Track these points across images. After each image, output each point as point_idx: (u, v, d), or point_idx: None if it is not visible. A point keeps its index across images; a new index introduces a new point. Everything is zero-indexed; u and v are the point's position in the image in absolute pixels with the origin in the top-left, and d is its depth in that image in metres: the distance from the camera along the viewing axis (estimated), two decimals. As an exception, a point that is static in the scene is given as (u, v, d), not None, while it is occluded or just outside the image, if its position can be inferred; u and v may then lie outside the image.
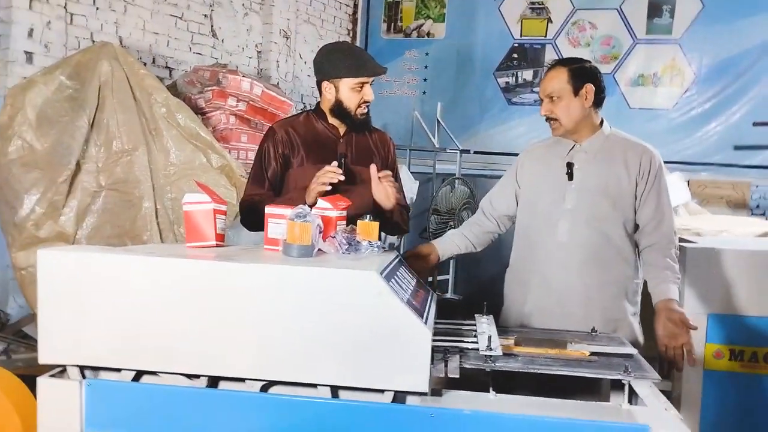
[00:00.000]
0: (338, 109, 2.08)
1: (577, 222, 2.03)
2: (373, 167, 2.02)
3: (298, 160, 2.09)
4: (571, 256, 2.03)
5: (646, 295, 2.07)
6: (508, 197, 2.22)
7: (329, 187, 1.90)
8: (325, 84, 2.09)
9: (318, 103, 2.17)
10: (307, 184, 1.97)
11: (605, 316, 1.99)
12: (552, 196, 2.08)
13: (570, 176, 2.06)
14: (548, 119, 2.09)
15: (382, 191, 2.03)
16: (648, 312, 2.04)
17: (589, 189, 2.04)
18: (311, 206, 1.72)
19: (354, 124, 2.11)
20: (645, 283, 2.08)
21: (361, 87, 2.05)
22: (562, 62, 2.09)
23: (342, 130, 2.14)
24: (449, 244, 2.23)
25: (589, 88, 2.03)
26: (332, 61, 2.06)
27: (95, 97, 3.19)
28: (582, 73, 2.04)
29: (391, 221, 2.11)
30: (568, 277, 2.03)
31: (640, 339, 2.07)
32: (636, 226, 2.07)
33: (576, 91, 2.03)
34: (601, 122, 2.11)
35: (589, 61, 2.11)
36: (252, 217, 2.07)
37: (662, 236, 2.02)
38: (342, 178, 1.93)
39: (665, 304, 1.92)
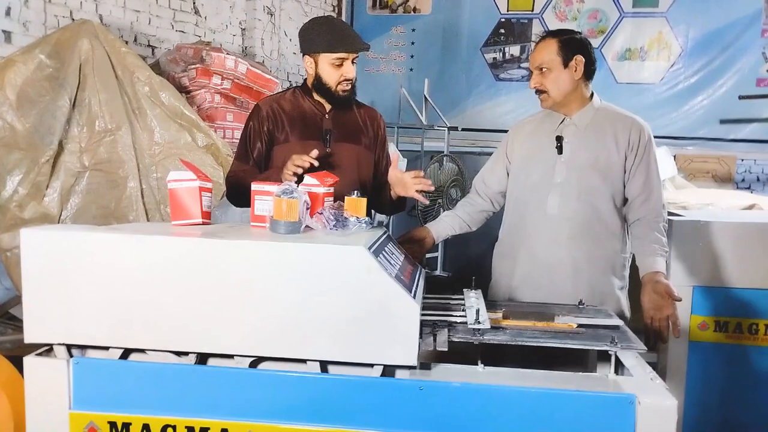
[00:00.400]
0: (318, 84, 2.05)
1: (567, 195, 2.03)
2: (396, 154, 1.98)
3: (283, 136, 2.07)
4: (560, 230, 2.03)
5: (634, 269, 2.09)
6: (499, 174, 2.22)
7: (300, 171, 1.84)
8: (306, 58, 2.07)
9: (305, 80, 2.15)
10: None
11: (593, 289, 2.01)
12: (542, 170, 2.08)
13: (559, 150, 2.06)
14: (537, 91, 2.08)
15: (401, 185, 1.97)
16: (635, 285, 2.05)
17: (579, 162, 2.04)
18: None
19: (334, 101, 2.08)
20: (633, 257, 2.10)
21: (341, 63, 2.00)
22: (552, 34, 2.07)
23: (328, 106, 2.11)
24: (443, 226, 2.22)
25: (579, 60, 2.01)
26: (312, 36, 2.03)
27: (76, 76, 3.13)
28: (572, 45, 2.03)
29: (392, 202, 2.10)
30: (557, 251, 2.04)
31: (627, 313, 2.09)
32: (625, 200, 2.07)
33: (565, 63, 2.01)
34: (591, 95, 2.10)
35: (580, 33, 2.10)
36: (237, 193, 2.06)
37: (651, 210, 2.02)
38: (316, 163, 1.86)
39: (651, 277, 1.93)
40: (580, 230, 2.02)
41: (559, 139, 2.07)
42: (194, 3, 4.82)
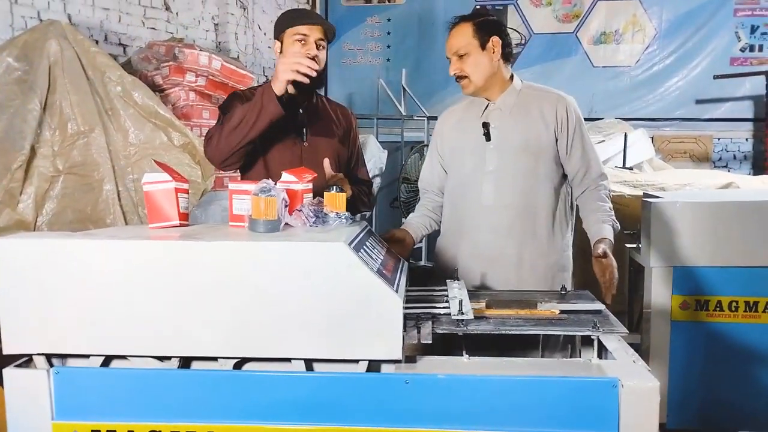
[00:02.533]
0: None
1: (501, 183, 2.00)
2: (326, 162, 1.95)
3: None
4: (499, 219, 2.01)
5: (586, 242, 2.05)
6: (437, 171, 2.19)
7: (305, 80, 1.79)
8: (275, 45, 2.04)
9: None
10: (268, 156, 1.95)
11: (537, 276, 2.01)
12: (473, 159, 2.04)
13: (487, 136, 2.02)
14: (458, 78, 2.04)
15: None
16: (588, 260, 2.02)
17: (509, 147, 2.00)
18: (278, 96, 1.75)
19: (298, 84, 1.91)
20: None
21: (304, 40, 1.95)
22: (464, 18, 2.04)
23: (301, 100, 2.08)
24: (417, 226, 2.18)
25: (496, 41, 1.98)
26: (279, 20, 2.03)
27: (46, 79, 3.07)
28: (487, 26, 1.99)
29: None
30: (498, 241, 2.01)
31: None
32: (564, 177, 2.06)
33: (483, 45, 1.98)
34: (512, 77, 2.07)
35: (493, 15, 2.08)
36: (214, 141, 1.91)
37: (591, 181, 2.03)
38: (317, 68, 1.82)
39: (595, 245, 1.93)
40: (519, 217, 2.00)
41: (485, 125, 2.02)
42: (165, -1, 4.75)
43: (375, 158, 4.74)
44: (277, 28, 2.03)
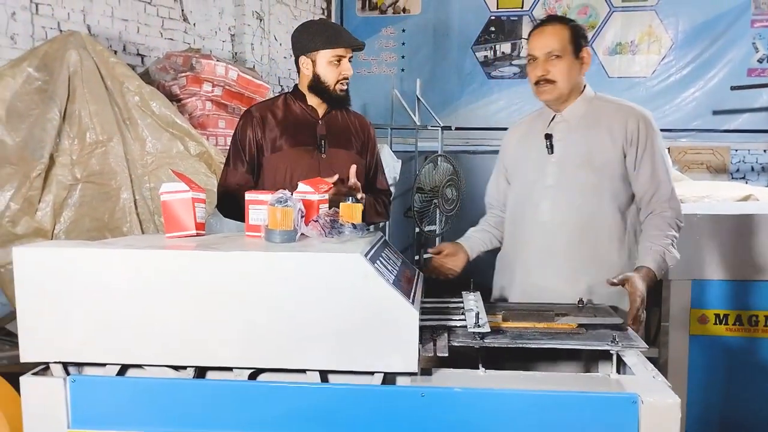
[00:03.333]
0: (316, 84, 2.02)
1: (559, 199, 1.88)
2: (353, 169, 1.96)
3: (277, 143, 2.05)
4: (554, 238, 1.88)
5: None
6: (501, 185, 2.09)
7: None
8: (302, 59, 2.04)
9: (296, 85, 2.13)
10: (286, 168, 1.97)
11: (596, 299, 1.81)
12: (534, 173, 1.93)
13: (550, 149, 1.90)
14: (538, 82, 1.87)
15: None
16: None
17: (571, 161, 1.88)
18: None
19: (332, 100, 2.06)
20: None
21: (339, 61, 2.00)
22: (559, 19, 1.91)
23: (321, 111, 2.10)
24: (475, 241, 2.05)
25: (588, 52, 1.88)
26: (309, 35, 2.02)
27: (65, 88, 3.12)
28: (583, 35, 1.88)
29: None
30: (552, 261, 1.89)
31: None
32: (632, 198, 1.90)
33: (576, 53, 1.86)
34: (583, 88, 1.95)
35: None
36: (229, 205, 2.04)
37: (657, 204, 1.85)
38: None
39: (635, 272, 1.76)
40: (575, 236, 1.86)
41: (548, 137, 1.91)
42: (183, 10, 4.80)
43: (389, 168, 4.74)
44: (310, 44, 2.01)
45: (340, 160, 2.05)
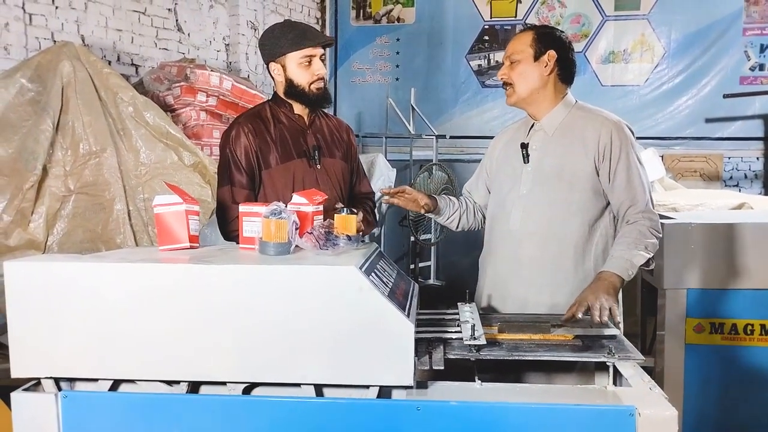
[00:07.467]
0: (291, 89, 1.97)
1: (530, 209, 1.88)
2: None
3: (272, 158, 1.97)
4: (522, 247, 1.88)
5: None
6: (480, 188, 2.11)
7: None
8: (272, 66, 1.99)
9: (275, 93, 2.06)
10: (286, 182, 1.94)
11: (556, 309, 1.80)
12: (510, 182, 1.94)
13: (526, 158, 1.90)
14: (503, 85, 1.93)
15: None
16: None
17: (544, 172, 1.87)
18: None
19: (311, 102, 1.99)
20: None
21: (310, 62, 1.94)
22: (531, 26, 1.95)
23: (306, 117, 2.04)
24: (446, 202, 2.05)
25: (551, 55, 1.85)
26: (273, 39, 1.97)
27: (59, 99, 3.11)
28: (547, 39, 1.87)
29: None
30: (520, 271, 1.89)
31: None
32: (603, 211, 1.88)
33: (536, 56, 1.86)
34: (564, 98, 1.93)
35: (563, 32, 1.94)
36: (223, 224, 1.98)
37: (634, 215, 1.81)
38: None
39: (599, 275, 1.74)
40: (543, 247, 1.86)
41: (524, 146, 1.91)
42: (177, 20, 4.80)
43: (384, 177, 4.74)
44: (276, 48, 1.96)
45: (335, 169, 2.05)
